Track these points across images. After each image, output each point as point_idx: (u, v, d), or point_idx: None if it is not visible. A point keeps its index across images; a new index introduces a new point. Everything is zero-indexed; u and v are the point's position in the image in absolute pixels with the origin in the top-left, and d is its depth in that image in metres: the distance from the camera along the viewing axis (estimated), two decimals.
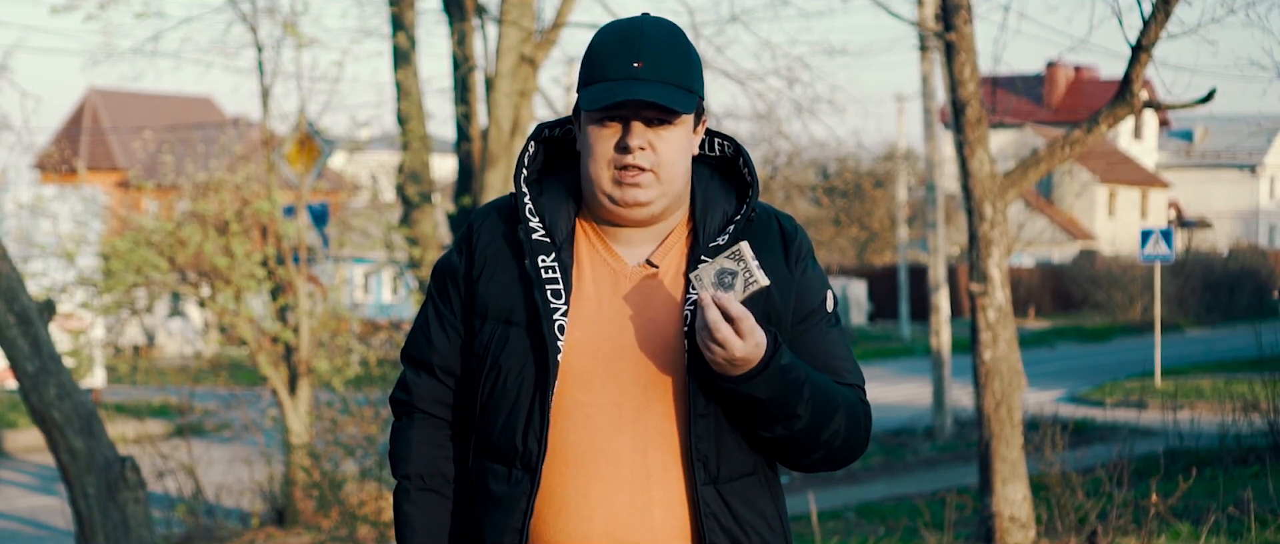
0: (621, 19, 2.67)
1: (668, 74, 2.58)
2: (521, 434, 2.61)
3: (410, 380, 2.77)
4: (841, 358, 2.70)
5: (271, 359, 11.75)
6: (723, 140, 2.75)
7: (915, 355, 27.77)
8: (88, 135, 40.01)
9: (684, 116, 2.61)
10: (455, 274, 2.72)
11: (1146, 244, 21.23)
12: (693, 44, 2.68)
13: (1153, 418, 14.66)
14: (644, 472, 2.59)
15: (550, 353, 2.58)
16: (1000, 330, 8.26)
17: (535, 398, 2.60)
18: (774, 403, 2.55)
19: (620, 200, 2.60)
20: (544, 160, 2.75)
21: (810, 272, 2.71)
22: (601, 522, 2.59)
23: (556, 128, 2.75)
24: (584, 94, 2.60)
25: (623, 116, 2.59)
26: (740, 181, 2.73)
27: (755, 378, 2.51)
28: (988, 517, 8.34)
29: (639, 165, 2.58)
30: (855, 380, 2.70)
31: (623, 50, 2.59)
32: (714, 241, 2.64)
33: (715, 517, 2.60)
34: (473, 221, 2.75)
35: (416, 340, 2.77)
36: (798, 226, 2.73)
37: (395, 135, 13.58)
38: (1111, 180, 51.86)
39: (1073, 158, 9.22)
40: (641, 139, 2.58)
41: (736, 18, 13.30)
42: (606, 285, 2.65)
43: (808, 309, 2.68)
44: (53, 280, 12.54)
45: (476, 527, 2.69)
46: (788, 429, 2.59)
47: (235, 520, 11.52)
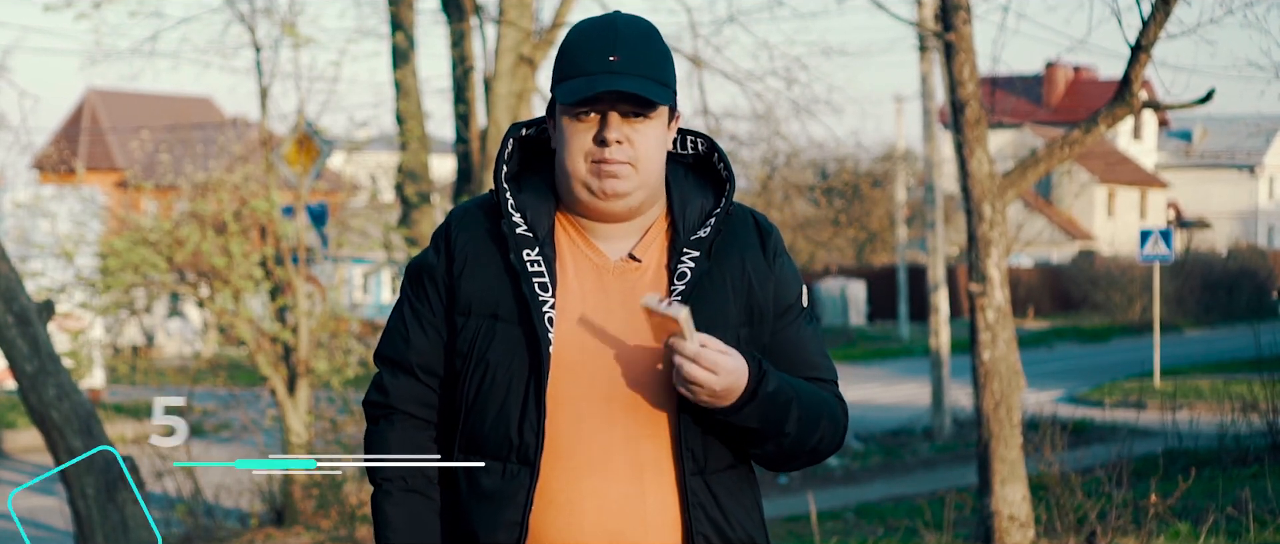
0: (594, 16, 2.69)
1: (644, 68, 2.61)
2: (516, 428, 2.61)
3: (387, 382, 2.73)
4: (817, 354, 2.75)
5: (270, 359, 11.74)
6: (696, 138, 2.77)
7: (914, 356, 27.76)
8: (86, 135, 39.99)
9: (659, 109, 2.63)
10: (434, 272, 2.71)
11: (1145, 244, 21.22)
12: (666, 42, 2.70)
13: (1152, 418, 14.66)
14: (636, 463, 2.61)
15: (542, 345, 2.59)
16: (999, 330, 8.25)
17: (528, 391, 2.61)
18: (764, 427, 2.60)
19: (598, 192, 2.62)
20: (520, 160, 2.76)
21: (786, 267, 2.74)
22: (594, 514, 2.60)
23: (531, 127, 2.76)
24: (560, 89, 2.62)
25: (600, 109, 2.61)
26: (715, 178, 2.75)
27: (744, 408, 2.56)
28: (987, 517, 8.34)
29: (617, 158, 2.59)
30: (831, 376, 2.76)
31: (598, 45, 2.61)
32: (695, 234, 2.67)
33: (702, 507, 2.63)
34: (449, 220, 2.75)
35: (392, 341, 2.74)
36: (771, 224, 2.76)
37: (394, 135, 13.58)
38: (1110, 180, 51.85)
39: (1072, 158, 9.22)
40: (619, 131, 2.60)
41: (734, 18, 13.32)
42: (590, 279, 2.66)
43: (785, 304, 2.72)
44: (51, 280, 12.53)
45: (466, 524, 2.68)
46: (778, 445, 2.64)
47: (234, 521, 11.52)
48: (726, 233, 2.68)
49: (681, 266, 2.65)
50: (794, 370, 2.69)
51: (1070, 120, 45.22)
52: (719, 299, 2.64)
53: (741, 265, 2.68)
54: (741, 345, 2.63)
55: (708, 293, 2.64)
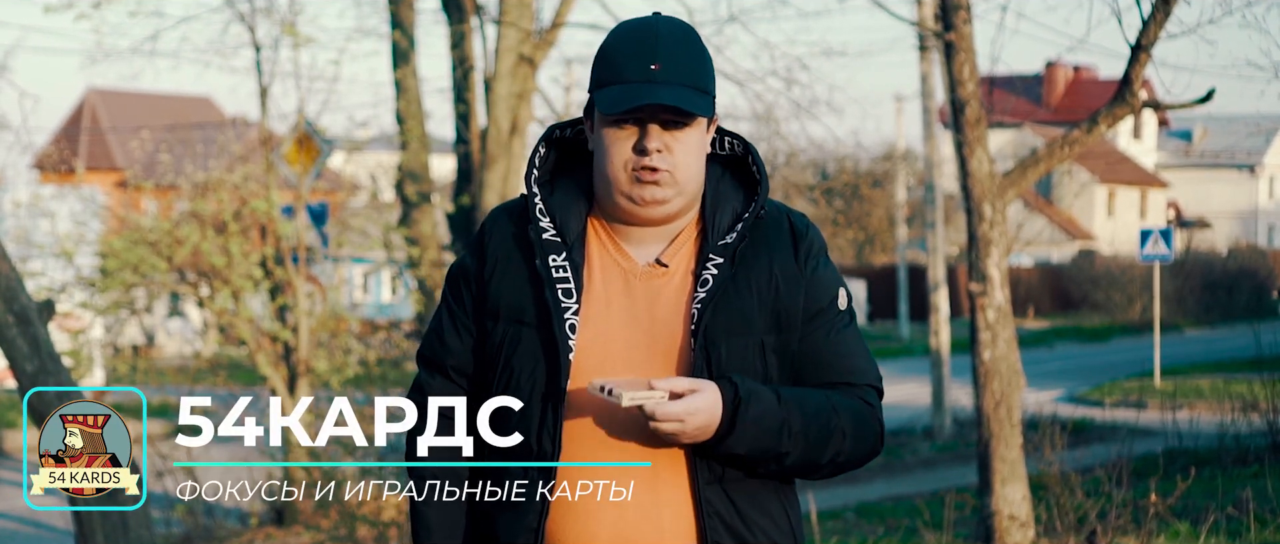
0: (635, 19, 2.66)
1: (685, 76, 2.59)
2: (536, 433, 2.62)
3: (424, 381, 2.77)
4: (854, 356, 2.70)
5: (270, 359, 11.74)
6: (733, 138, 2.75)
7: (914, 355, 27.76)
8: (87, 135, 39.98)
9: (699, 118, 2.61)
10: (468, 275, 2.73)
11: (1145, 244, 21.22)
12: (705, 43, 2.68)
13: (1152, 418, 14.66)
14: (652, 471, 2.60)
15: (562, 352, 2.59)
16: (999, 330, 8.25)
17: (548, 397, 2.61)
18: (756, 451, 2.57)
19: (639, 199, 2.60)
20: (555, 161, 2.76)
21: (821, 270, 2.70)
22: (610, 521, 2.60)
23: (568, 129, 2.75)
24: (600, 96, 2.59)
25: (639, 119, 2.58)
26: (750, 178, 2.73)
27: (727, 439, 2.54)
28: (987, 516, 8.34)
29: (657, 167, 2.58)
30: (869, 380, 2.71)
31: (639, 51, 2.59)
32: (723, 240, 2.64)
33: (719, 515, 2.60)
34: (485, 224, 2.76)
35: (430, 342, 2.77)
36: (809, 224, 2.72)
37: (394, 135, 13.58)
38: (1110, 180, 51.84)
39: (1072, 158, 9.22)
40: (659, 141, 2.59)
41: (735, 17, 13.30)
42: (616, 285, 2.65)
43: (817, 308, 2.68)
44: (52, 280, 12.53)
45: (486, 527, 2.69)
46: (780, 466, 2.61)
47: (234, 521, 11.52)
48: (757, 236, 2.66)
49: (705, 273, 2.63)
50: (825, 375, 2.67)
51: (1070, 120, 45.20)
52: (742, 305, 2.62)
53: (769, 270, 2.65)
54: (765, 354, 2.61)
55: (731, 299, 2.61)
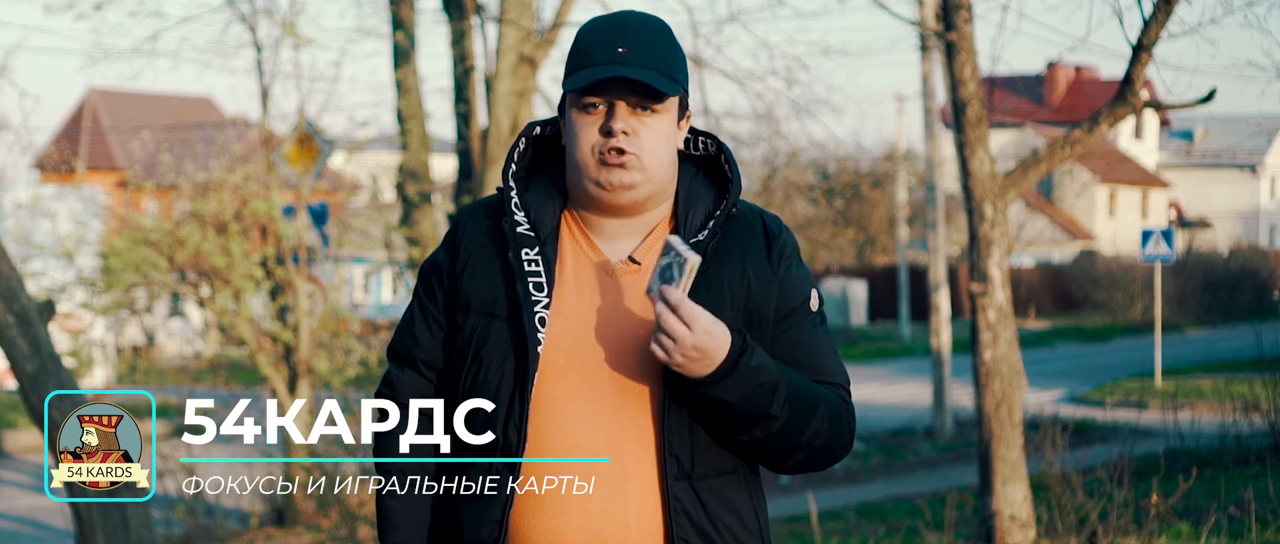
0: (606, 14, 2.70)
1: (652, 61, 2.61)
2: (502, 426, 2.62)
3: (394, 376, 2.79)
4: (826, 356, 2.71)
5: (271, 359, 11.74)
6: (707, 138, 2.76)
7: (915, 355, 27.76)
8: (87, 135, 39.98)
9: (668, 103, 2.63)
10: (440, 270, 2.75)
11: (1147, 244, 21.22)
12: (678, 41, 2.70)
13: (1153, 418, 14.66)
14: (619, 467, 2.60)
15: (530, 345, 2.60)
16: (1000, 330, 8.25)
17: (515, 390, 2.61)
18: (745, 406, 2.56)
19: (607, 183, 2.62)
20: (533, 157, 2.78)
21: (794, 271, 2.71)
22: (575, 515, 2.60)
23: (547, 126, 2.77)
24: (567, 79, 2.62)
25: (607, 99, 2.61)
26: (723, 178, 2.74)
27: (723, 380, 2.53)
28: (988, 516, 8.33)
29: (622, 147, 2.59)
30: (839, 380, 2.71)
31: (608, 39, 2.62)
32: (695, 237, 2.65)
33: (686, 512, 2.60)
34: (458, 218, 2.78)
35: (401, 337, 2.79)
36: (782, 226, 2.74)
37: (394, 135, 13.57)
38: (1112, 180, 51.83)
39: (1073, 158, 9.22)
40: (625, 123, 2.60)
41: (734, 17, 13.29)
42: (588, 280, 2.66)
43: (789, 308, 2.69)
44: (52, 280, 12.54)
45: (456, 520, 2.70)
46: (765, 432, 2.60)
47: (235, 521, 11.52)
48: (729, 235, 2.67)
49: None
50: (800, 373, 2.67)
51: (1071, 120, 45.24)
52: (713, 303, 2.62)
53: (742, 268, 2.66)
54: None
55: (702, 296, 2.61)
